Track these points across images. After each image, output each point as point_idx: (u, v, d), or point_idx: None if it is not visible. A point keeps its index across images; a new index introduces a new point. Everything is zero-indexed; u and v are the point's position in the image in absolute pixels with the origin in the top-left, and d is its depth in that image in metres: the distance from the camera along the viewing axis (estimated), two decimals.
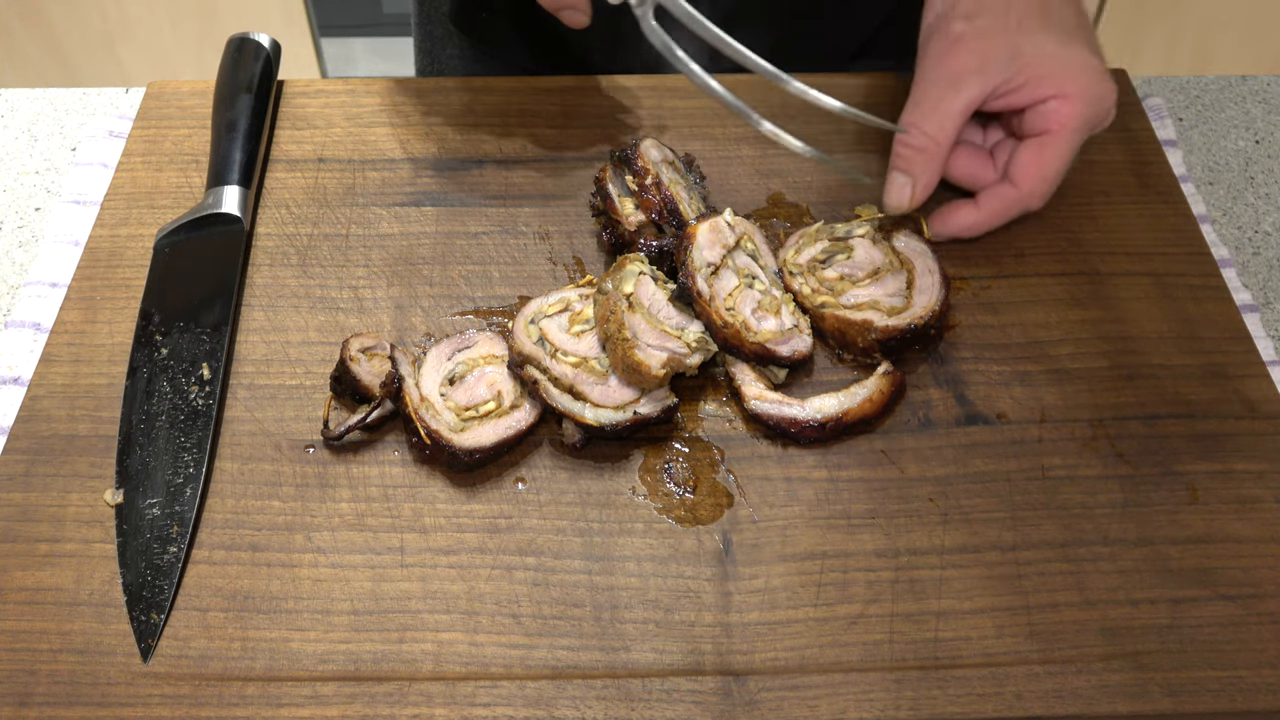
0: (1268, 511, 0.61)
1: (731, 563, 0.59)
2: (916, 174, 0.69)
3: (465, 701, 0.54)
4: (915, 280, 0.67)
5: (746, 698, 0.54)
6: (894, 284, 0.67)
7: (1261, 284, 0.76)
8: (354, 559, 0.58)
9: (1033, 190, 0.69)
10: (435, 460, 0.62)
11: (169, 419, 0.63)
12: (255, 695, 0.54)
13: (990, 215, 0.70)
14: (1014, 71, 0.66)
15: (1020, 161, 0.69)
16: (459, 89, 0.81)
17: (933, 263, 0.68)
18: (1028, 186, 0.68)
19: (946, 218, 0.71)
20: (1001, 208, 0.70)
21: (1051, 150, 0.67)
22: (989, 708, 0.54)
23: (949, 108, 0.67)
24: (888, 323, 0.65)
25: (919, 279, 0.67)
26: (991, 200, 0.70)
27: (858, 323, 0.65)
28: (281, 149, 0.77)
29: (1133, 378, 0.66)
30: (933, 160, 0.68)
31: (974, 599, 0.57)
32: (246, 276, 0.70)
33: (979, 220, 0.70)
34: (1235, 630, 0.57)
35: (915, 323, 0.65)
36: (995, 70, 0.67)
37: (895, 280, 0.67)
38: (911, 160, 0.68)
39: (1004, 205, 0.70)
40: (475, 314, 0.69)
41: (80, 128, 0.84)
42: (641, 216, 0.68)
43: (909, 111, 0.69)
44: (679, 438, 0.63)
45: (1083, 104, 0.67)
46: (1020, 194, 0.69)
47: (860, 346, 0.66)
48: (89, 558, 0.58)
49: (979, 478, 0.62)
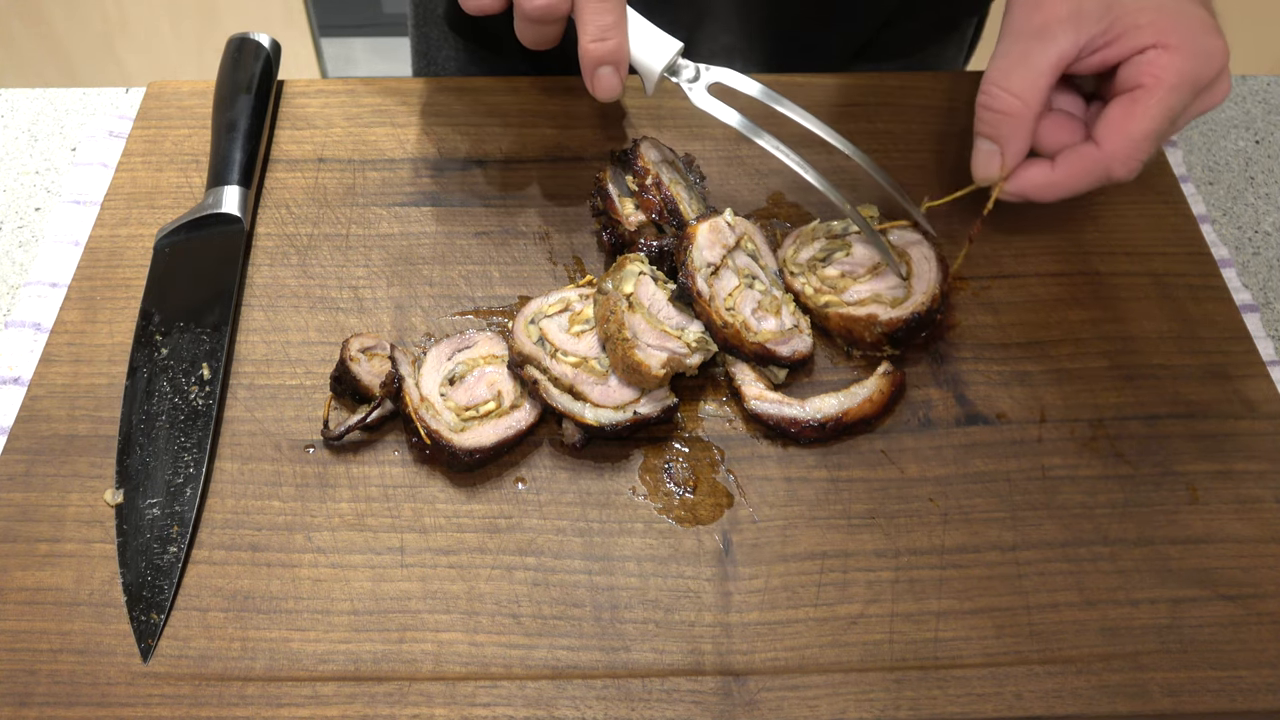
0: (1268, 511, 0.61)
1: (731, 563, 0.59)
2: (1004, 139, 0.61)
3: (465, 701, 0.54)
4: (913, 269, 0.67)
5: (746, 698, 0.54)
6: (894, 277, 0.67)
7: (1261, 284, 0.76)
8: (354, 559, 0.58)
9: (1115, 151, 0.60)
10: (435, 460, 0.62)
11: (169, 419, 0.63)
12: (255, 695, 0.54)
13: (1067, 176, 0.62)
14: (1110, 22, 0.59)
15: (1107, 118, 0.60)
16: (459, 89, 0.81)
17: (928, 250, 0.68)
18: (1110, 145, 0.60)
19: (1019, 173, 0.63)
20: (1080, 169, 0.61)
21: (1143, 105, 0.59)
22: (989, 708, 0.54)
23: (1037, 62, 0.60)
24: (892, 314, 0.65)
25: (916, 267, 0.67)
26: (1070, 160, 0.62)
27: (863, 318, 0.65)
28: (281, 149, 0.77)
29: (1133, 378, 0.66)
30: (1021, 123, 0.61)
31: (974, 599, 0.57)
32: (246, 276, 0.70)
33: (1054, 180, 0.62)
34: (1235, 630, 0.57)
35: (918, 310, 0.65)
36: (1089, 20, 0.60)
37: (895, 273, 0.67)
38: (998, 124, 0.61)
39: (1083, 167, 0.61)
40: (475, 314, 0.69)
41: (80, 128, 0.84)
42: (641, 216, 0.68)
43: (993, 69, 0.62)
44: (679, 438, 0.63)
45: (1184, 57, 0.58)
46: (1102, 155, 0.60)
47: (868, 341, 0.66)
48: (89, 558, 0.58)
49: (979, 478, 0.62)
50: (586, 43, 0.61)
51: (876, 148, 0.77)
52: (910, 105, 0.80)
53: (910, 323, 0.64)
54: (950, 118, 0.79)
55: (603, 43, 0.61)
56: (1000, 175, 0.63)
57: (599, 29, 0.61)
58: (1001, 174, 0.63)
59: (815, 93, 0.80)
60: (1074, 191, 0.62)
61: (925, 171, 0.76)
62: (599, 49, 0.61)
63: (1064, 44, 0.60)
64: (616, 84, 0.63)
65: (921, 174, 0.76)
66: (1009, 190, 0.64)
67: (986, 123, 0.62)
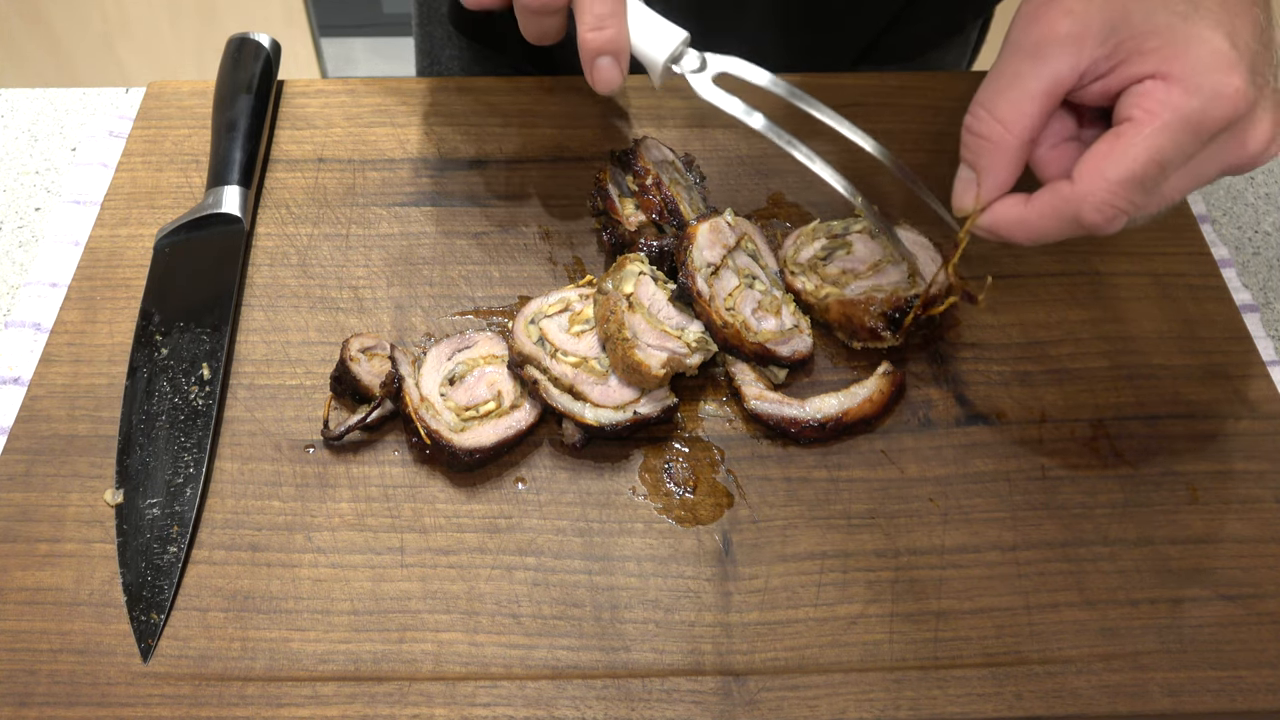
0: (1268, 511, 0.61)
1: (731, 563, 0.59)
2: (983, 169, 0.55)
3: (465, 701, 0.54)
4: (918, 270, 0.67)
5: (746, 698, 0.54)
6: (896, 274, 0.67)
7: (1261, 284, 0.76)
8: (354, 559, 0.58)
9: (1087, 192, 0.52)
10: (435, 460, 0.62)
11: (169, 419, 0.63)
12: (255, 695, 0.54)
13: (1039, 215, 0.54)
14: (1114, 45, 0.52)
15: (1089, 153, 0.53)
16: (459, 89, 0.81)
17: (935, 254, 0.68)
18: (1083, 184, 0.52)
19: (994, 208, 0.56)
20: (1050, 208, 0.54)
21: (1125, 142, 0.51)
22: (989, 708, 0.54)
23: (1028, 86, 0.53)
24: (890, 294, 0.64)
25: (922, 267, 0.67)
26: (1044, 196, 0.54)
27: (860, 300, 0.65)
28: (281, 149, 0.77)
29: (1133, 378, 0.66)
30: (1003, 153, 0.54)
31: (974, 599, 0.57)
32: (246, 276, 0.70)
33: (1025, 217, 0.55)
34: (1235, 630, 0.57)
35: (919, 292, 0.64)
36: (1091, 41, 0.52)
37: (897, 270, 0.67)
38: (978, 152, 0.55)
39: (1053, 206, 0.54)
40: (475, 314, 0.69)
41: (80, 128, 0.84)
42: (641, 216, 0.68)
43: (983, 88, 0.55)
44: (679, 438, 0.63)
45: (1183, 92, 0.50)
46: (1074, 192, 0.53)
47: (868, 326, 0.65)
48: (89, 558, 0.58)
49: (979, 478, 0.62)
50: (584, 32, 0.60)
51: None
52: (910, 105, 0.80)
53: (910, 301, 0.64)
54: (951, 118, 0.79)
55: (600, 31, 0.60)
56: (975, 208, 0.56)
57: (596, 17, 0.60)
58: (976, 206, 0.56)
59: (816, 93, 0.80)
60: (1046, 234, 0.54)
61: (925, 171, 0.76)
62: (597, 38, 0.60)
63: (1060, 67, 0.53)
64: (616, 75, 0.61)
65: (921, 174, 0.75)
66: (982, 225, 0.57)
67: (968, 148, 0.56)
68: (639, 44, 0.63)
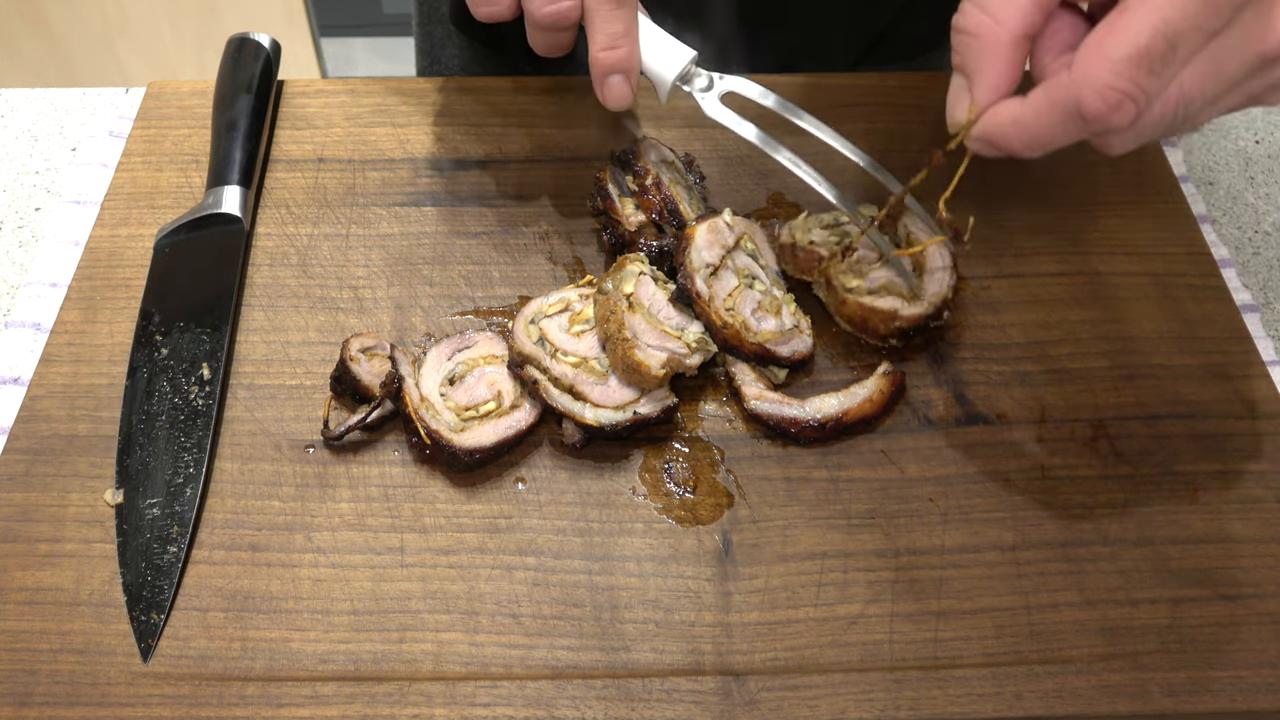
0: (1268, 511, 0.61)
1: (731, 563, 0.59)
2: (972, 70, 0.49)
3: (465, 701, 0.54)
4: (926, 265, 0.67)
5: (746, 698, 0.54)
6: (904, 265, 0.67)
7: (1261, 284, 0.76)
8: (354, 559, 0.58)
9: (1089, 74, 0.45)
10: (435, 460, 0.62)
11: (169, 419, 0.63)
12: (255, 695, 0.54)
13: (1034, 110, 0.48)
14: None
15: (1089, 35, 0.47)
16: (459, 89, 0.81)
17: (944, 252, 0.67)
18: (1080, 68, 0.46)
19: (988, 113, 0.50)
20: (1047, 99, 0.48)
21: (1130, 14, 0.45)
22: (989, 708, 0.54)
23: None
24: (911, 311, 0.65)
25: (929, 262, 0.66)
26: (1041, 90, 0.48)
27: (885, 311, 0.65)
28: (281, 149, 0.77)
29: (1133, 378, 0.66)
30: (993, 49, 0.48)
31: (974, 599, 0.57)
32: (246, 276, 0.70)
33: (1020, 116, 0.49)
34: (1235, 630, 0.57)
35: (934, 305, 0.65)
36: None
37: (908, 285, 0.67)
38: (966, 50, 0.49)
39: (1051, 95, 0.47)
40: (475, 314, 0.69)
41: (80, 128, 0.84)
42: (641, 216, 0.68)
43: None
44: (679, 438, 0.63)
45: None
46: (1072, 79, 0.46)
47: (881, 333, 0.66)
48: (89, 558, 0.58)
49: (979, 478, 0.62)
50: (597, 51, 0.60)
51: (876, 148, 0.77)
52: (910, 105, 0.80)
53: (931, 318, 0.65)
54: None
55: (613, 51, 0.60)
56: (968, 117, 0.50)
57: (609, 37, 0.60)
58: (969, 115, 0.50)
59: (816, 93, 0.80)
60: (1045, 134, 0.48)
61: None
62: (609, 57, 0.60)
63: None
64: (627, 92, 0.62)
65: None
66: (977, 134, 0.50)
67: (957, 50, 0.50)
68: (649, 62, 0.64)
